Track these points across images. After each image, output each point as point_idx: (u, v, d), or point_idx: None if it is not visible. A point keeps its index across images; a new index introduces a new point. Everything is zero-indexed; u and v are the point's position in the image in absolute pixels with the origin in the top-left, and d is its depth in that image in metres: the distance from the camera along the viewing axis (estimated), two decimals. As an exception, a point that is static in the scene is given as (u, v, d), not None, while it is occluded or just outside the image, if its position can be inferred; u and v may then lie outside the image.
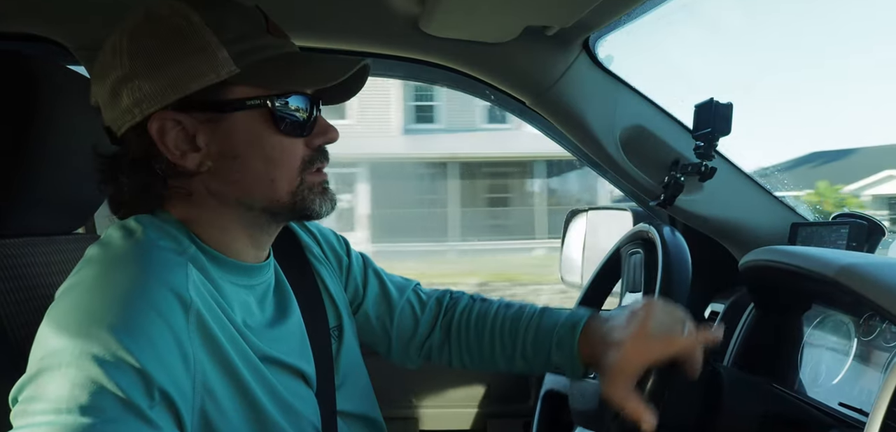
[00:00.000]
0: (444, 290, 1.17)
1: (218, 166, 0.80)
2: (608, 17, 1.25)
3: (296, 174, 0.83)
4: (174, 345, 0.70)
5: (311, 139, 0.84)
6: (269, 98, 0.79)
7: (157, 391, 0.66)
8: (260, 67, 0.79)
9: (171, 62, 0.77)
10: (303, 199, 0.84)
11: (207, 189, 0.82)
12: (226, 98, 0.78)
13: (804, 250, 1.08)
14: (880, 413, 0.74)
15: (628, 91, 1.47)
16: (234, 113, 0.79)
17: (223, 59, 0.77)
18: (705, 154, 1.35)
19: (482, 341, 1.08)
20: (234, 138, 0.80)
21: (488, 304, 1.12)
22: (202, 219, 0.83)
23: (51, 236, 1.03)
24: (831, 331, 1.09)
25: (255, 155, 0.80)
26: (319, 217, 0.87)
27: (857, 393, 0.98)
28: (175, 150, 0.79)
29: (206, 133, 0.79)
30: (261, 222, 0.86)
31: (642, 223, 1.18)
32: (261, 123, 0.80)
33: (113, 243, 0.77)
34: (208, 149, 0.80)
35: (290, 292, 0.94)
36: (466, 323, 1.10)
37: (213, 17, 0.78)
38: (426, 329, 1.12)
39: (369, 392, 1.04)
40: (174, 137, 0.78)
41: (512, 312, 1.07)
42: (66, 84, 0.98)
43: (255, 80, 0.79)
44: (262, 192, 0.82)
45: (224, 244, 0.84)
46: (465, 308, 1.12)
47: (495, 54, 1.39)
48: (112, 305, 0.68)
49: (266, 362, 0.82)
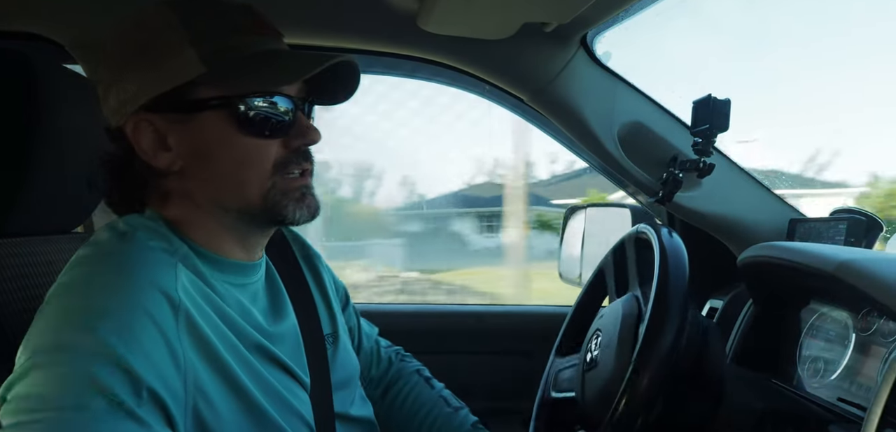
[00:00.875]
0: (397, 349, 1.23)
1: (189, 167, 0.80)
2: (606, 13, 1.26)
3: (267, 177, 0.81)
4: (163, 345, 0.70)
5: (288, 140, 0.82)
6: (235, 98, 0.78)
7: (145, 390, 0.66)
8: (228, 67, 0.78)
9: (143, 64, 0.77)
10: (275, 204, 0.82)
11: (183, 190, 0.82)
12: (193, 98, 0.78)
13: (802, 246, 1.09)
14: (879, 408, 0.75)
15: (626, 87, 1.47)
16: (201, 113, 0.78)
17: (190, 58, 0.76)
18: (703, 150, 1.35)
19: (411, 426, 1.13)
20: (203, 139, 0.79)
21: (429, 390, 1.16)
22: (189, 219, 0.83)
23: (49, 235, 1.03)
24: (830, 327, 1.09)
25: (223, 156, 0.80)
26: (294, 223, 0.84)
27: (856, 389, 0.98)
28: (148, 151, 0.79)
29: (177, 134, 0.79)
30: (240, 225, 0.84)
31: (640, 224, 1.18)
32: (228, 124, 0.78)
33: (102, 243, 0.77)
34: (179, 150, 0.80)
35: (286, 295, 0.94)
36: (404, 398, 1.16)
37: (187, 16, 0.77)
38: (375, 380, 1.19)
39: (362, 396, 1.05)
40: (148, 138, 0.79)
41: (448, 412, 1.13)
42: (65, 83, 0.98)
43: (221, 81, 0.78)
44: (233, 194, 0.82)
45: (213, 243, 0.84)
46: (408, 378, 1.18)
47: (493, 51, 1.39)
48: (101, 305, 0.68)
49: (261, 359, 0.82)
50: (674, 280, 0.94)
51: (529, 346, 1.77)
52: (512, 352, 1.80)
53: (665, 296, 0.92)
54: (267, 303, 0.91)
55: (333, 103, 0.91)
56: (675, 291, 0.93)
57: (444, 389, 1.18)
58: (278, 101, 0.80)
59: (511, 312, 1.94)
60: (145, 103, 0.78)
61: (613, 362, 0.99)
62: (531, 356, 1.75)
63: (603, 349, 1.05)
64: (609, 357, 1.00)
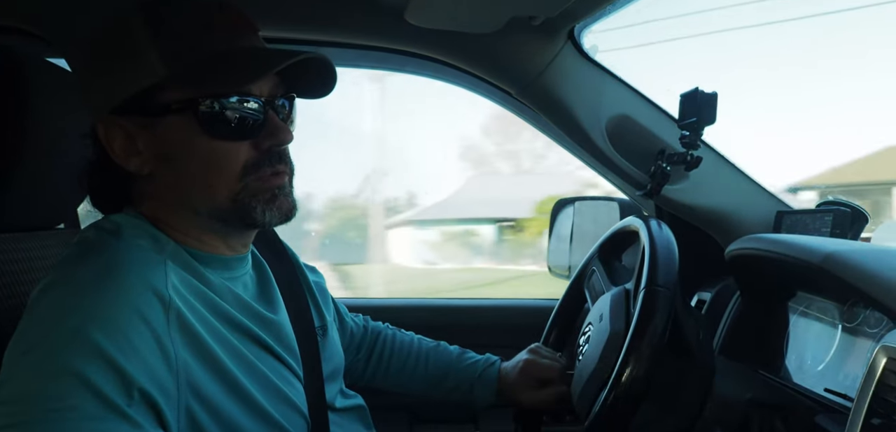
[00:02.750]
0: (359, 315, 1.33)
1: (157, 170, 0.80)
2: (593, 7, 1.25)
3: (236, 179, 0.79)
4: (154, 344, 0.69)
5: (259, 141, 0.80)
6: (198, 99, 0.76)
7: (136, 390, 0.66)
8: (191, 68, 0.76)
9: (111, 68, 0.77)
10: (244, 206, 0.81)
11: (158, 191, 0.82)
12: (157, 101, 0.77)
13: (789, 238, 1.09)
14: (865, 398, 0.75)
15: (614, 81, 1.47)
16: (165, 116, 0.77)
17: (153, 61, 0.75)
18: (691, 143, 1.36)
19: (404, 367, 1.27)
20: (170, 142, 0.78)
21: (405, 335, 1.32)
22: (167, 219, 0.82)
23: (33, 231, 1.02)
24: (816, 318, 1.10)
25: (189, 159, 0.78)
26: (264, 226, 0.83)
27: (842, 379, 0.99)
28: (119, 153, 0.79)
29: (145, 137, 0.79)
30: (215, 225, 0.83)
31: (629, 217, 1.18)
32: (193, 127, 0.77)
33: (90, 243, 0.76)
34: (147, 153, 0.79)
35: (276, 287, 0.94)
36: (390, 350, 1.29)
37: (156, 17, 0.76)
38: (356, 346, 1.28)
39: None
40: (120, 141, 0.79)
41: (431, 345, 1.30)
42: (47, 77, 0.97)
43: (184, 82, 0.76)
44: (202, 197, 0.80)
45: (195, 241, 0.83)
46: (383, 333, 1.31)
47: (481, 45, 1.39)
48: (90, 305, 0.67)
49: (255, 349, 0.82)
50: (663, 272, 0.94)
51: (517, 340, 1.77)
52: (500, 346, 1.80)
53: (654, 288, 0.92)
54: (256, 293, 0.91)
55: (311, 98, 0.89)
56: (664, 284, 0.93)
57: (415, 334, 1.34)
58: (246, 100, 0.78)
59: (498, 306, 1.94)
60: (116, 106, 0.77)
61: (603, 355, 0.99)
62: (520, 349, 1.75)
63: (593, 342, 1.05)
64: (598, 349, 1.01)
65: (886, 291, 0.85)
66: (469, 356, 1.28)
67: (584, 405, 1.00)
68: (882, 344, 0.76)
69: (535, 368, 1.21)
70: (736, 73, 32.08)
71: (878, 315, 0.95)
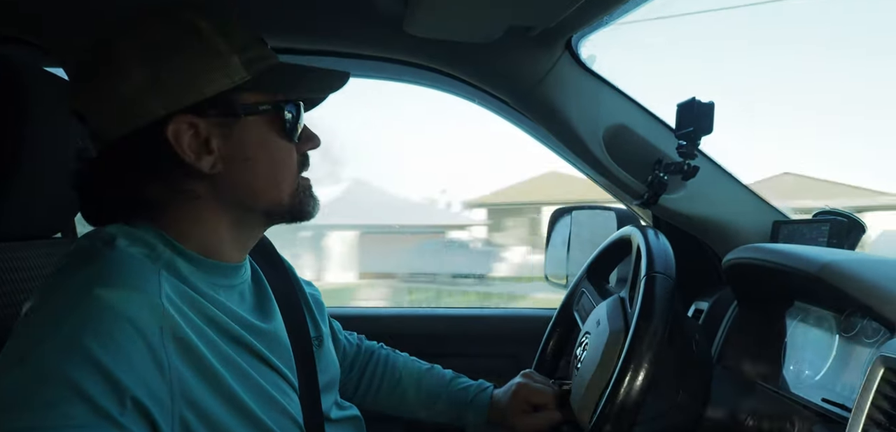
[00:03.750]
0: (353, 333, 1.32)
1: (228, 169, 0.82)
2: (591, 16, 1.26)
3: (295, 177, 0.88)
4: (148, 354, 0.69)
5: (301, 145, 0.89)
6: (279, 103, 0.83)
7: (129, 399, 0.66)
8: (268, 74, 0.82)
9: (186, 66, 0.78)
10: (300, 201, 0.89)
11: (214, 192, 0.83)
12: (239, 102, 0.81)
13: (786, 247, 1.09)
14: (863, 408, 0.75)
15: (611, 90, 1.47)
16: (246, 117, 0.82)
17: (235, 65, 0.79)
18: (688, 153, 1.36)
19: (395, 388, 1.26)
20: (246, 142, 0.82)
21: (398, 356, 1.31)
22: (191, 224, 0.83)
23: (29, 240, 1.01)
24: (813, 328, 1.10)
25: (263, 158, 0.84)
26: (311, 217, 0.91)
27: (840, 389, 0.99)
28: (190, 153, 0.80)
29: (219, 136, 0.81)
30: (254, 223, 0.89)
31: (626, 227, 1.18)
32: (269, 128, 0.84)
33: (85, 252, 0.76)
34: (221, 152, 0.81)
35: (272, 297, 0.94)
36: (382, 370, 1.27)
37: (220, 25, 0.80)
38: (349, 365, 1.27)
39: None
40: (189, 140, 0.79)
41: (425, 367, 1.29)
42: (45, 86, 0.97)
43: (265, 87, 0.82)
44: (268, 194, 0.86)
45: (207, 245, 0.84)
46: (377, 353, 1.30)
47: (479, 55, 1.39)
48: (84, 314, 0.67)
49: (250, 359, 0.82)
50: (660, 282, 0.94)
51: (515, 350, 1.77)
52: (497, 356, 1.80)
53: (651, 298, 0.92)
54: (253, 303, 0.91)
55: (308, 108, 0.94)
56: (661, 294, 0.93)
57: (410, 356, 1.32)
58: (295, 109, 0.86)
59: (496, 315, 1.94)
60: (188, 105, 0.78)
61: (599, 366, 0.99)
62: (517, 358, 1.75)
63: (589, 352, 1.05)
64: (595, 360, 1.01)
65: (884, 301, 0.85)
66: (461, 380, 1.28)
67: (580, 416, 0.99)
68: (880, 355, 0.76)
69: (528, 393, 1.21)
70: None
71: (876, 325, 0.95)
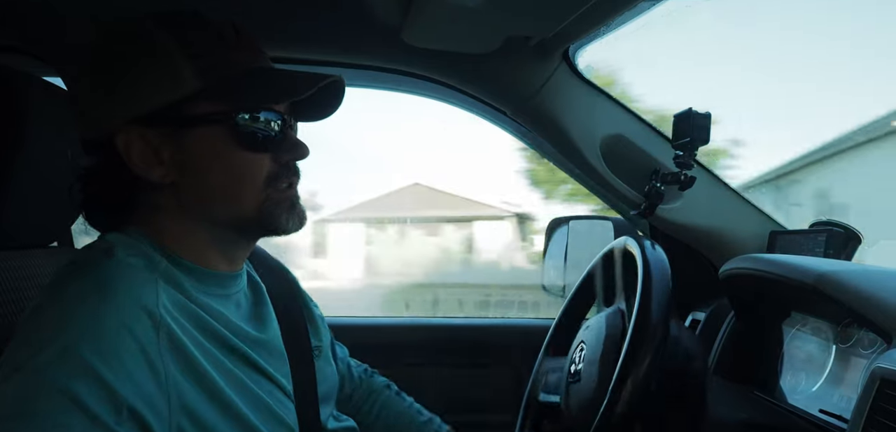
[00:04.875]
0: (364, 366, 1.24)
1: (182, 180, 0.81)
2: (588, 27, 1.26)
3: (260, 190, 0.83)
4: (145, 364, 0.69)
5: (279, 155, 0.84)
6: (232, 113, 0.79)
7: (126, 409, 0.66)
8: (224, 82, 0.79)
9: (135, 77, 0.77)
10: (269, 214, 0.84)
11: (176, 202, 0.82)
12: (189, 113, 0.78)
13: (783, 258, 1.10)
14: (860, 419, 0.75)
15: (608, 101, 1.48)
16: (197, 127, 0.79)
17: (187, 74, 0.77)
18: (685, 163, 1.37)
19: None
20: (198, 153, 0.80)
21: (400, 402, 1.20)
22: (174, 232, 0.82)
23: (27, 249, 1.01)
24: (810, 338, 1.10)
25: (218, 169, 0.81)
26: (286, 232, 0.86)
27: (837, 400, 0.99)
28: (140, 164, 0.79)
29: (171, 147, 0.79)
30: (228, 236, 0.85)
31: (622, 236, 1.18)
32: (224, 138, 0.80)
33: (82, 262, 0.76)
34: (172, 163, 0.80)
35: (270, 305, 0.93)
36: (378, 412, 1.18)
37: (178, 33, 0.78)
38: (346, 398, 1.18)
39: None
40: (139, 151, 0.78)
41: (422, 421, 1.17)
42: (43, 96, 0.97)
43: (218, 96, 0.79)
44: (227, 207, 0.83)
45: (197, 256, 0.83)
46: (380, 393, 1.20)
47: (477, 64, 1.40)
48: (81, 323, 0.67)
49: (245, 368, 0.81)
50: (657, 294, 0.94)
51: (513, 360, 1.76)
52: (498, 364, 1.79)
53: (648, 309, 0.92)
54: (249, 312, 0.90)
55: (315, 119, 0.91)
56: (658, 305, 0.93)
57: (414, 402, 1.21)
58: (270, 116, 0.82)
59: (497, 325, 1.93)
60: (136, 116, 0.77)
61: (596, 375, 0.99)
62: (514, 368, 1.74)
63: (586, 362, 1.05)
64: (592, 370, 1.00)
65: (880, 311, 0.85)
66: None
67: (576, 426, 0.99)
68: (877, 365, 0.76)
69: None
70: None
71: (873, 335, 0.95)
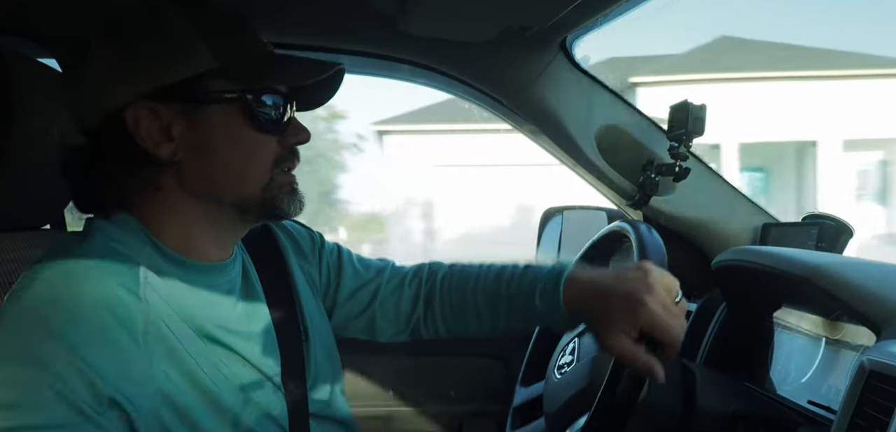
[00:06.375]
0: (422, 263, 1.13)
1: (190, 158, 0.80)
2: (585, 17, 1.26)
3: (267, 171, 0.83)
4: (127, 351, 0.69)
5: (284, 138, 0.84)
6: (246, 93, 0.79)
7: (107, 397, 0.66)
8: (238, 63, 0.79)
9: (150, 52, 0.76)
10: (273, 198, 0.84)
11: (178, 182, 0.81)
12: (203, 90, 0.78)
13: (775, 250, 1.10)
14: (848, 410, 0.76)
15: (604, 91, 1.48)
16: (210, 105, 0.79)
17: (202, 52, 0.77)
18: (679, 155, 1.37)
19: (466, 304, 1.05)
20: (209, 131, 0.79)
21: (469, 268, 1.08)
22: (165, 218, 0.81)
23: (18, 231, 1.01)
24: (801, 330, 1.11)
25: (228, 149, 0.81)
26: (288, 216, 0.87)
27: (826, 391, 1.00)
28: (148, 139, 0.78)
29: (182, 124, 0.79)
30: (228, 219, 0.85)
31: (618, 221, 1.18)
32: (236, 118, 0.80)
33: (65, 246, 0.76)
34: (182, 140, 0.79)
35: (260, 292, 0.92)
36: (448, 289, 1.07)
37: (192, 12, 0.78)
38: (409, 305, 1.08)
39: (342, 393, 1.03)
40: (148, 126, 0.77)
41: (494, 270, 1.05)
42: (36, 77, 0.97)
43: (232, 75, 0.79)
44: (233, 187, 0.82)
45: (186, 244, 0.82)
46: (446, 276, 1.08)
47: (474, 53, 1.39)
48: (64, 310, 0.67)
49: (229, 359, 0.81)
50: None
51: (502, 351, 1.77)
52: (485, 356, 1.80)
53: None
54: (238, 302, 0.88)
55: (305, 108, 0.91)
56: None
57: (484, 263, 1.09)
58: (278, 100, 0.82)
59: None
60: (150, 91, 0.77)
61: (591, 362, 0.99)
62: (505, 360, 1.75)
63: (581, 351, 1.06)
64: (588, 357, 1.01)
65: (870, 304, 0.86)
66: (531, 273, 1.02)
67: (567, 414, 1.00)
68: (865, 357, 0.77)
69: (650, 320, 0.84)
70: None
71: (862, 328, 0.96)
